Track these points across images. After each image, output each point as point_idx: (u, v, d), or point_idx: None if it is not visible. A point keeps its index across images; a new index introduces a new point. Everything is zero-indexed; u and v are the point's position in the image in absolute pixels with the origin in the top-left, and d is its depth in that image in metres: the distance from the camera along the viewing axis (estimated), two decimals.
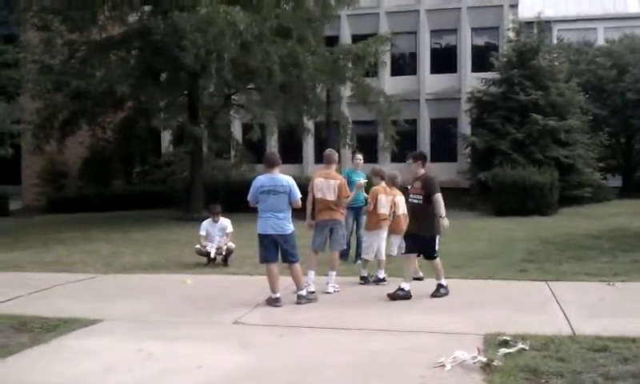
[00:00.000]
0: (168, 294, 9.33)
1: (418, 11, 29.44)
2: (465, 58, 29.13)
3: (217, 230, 12.15)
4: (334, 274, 9.28)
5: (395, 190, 10.24)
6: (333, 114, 23.37)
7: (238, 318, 7.71)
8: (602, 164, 26.17)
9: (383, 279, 9.72)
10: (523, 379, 5.26)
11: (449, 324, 7.18)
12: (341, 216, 9.31)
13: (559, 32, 33.92)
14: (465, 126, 27.85)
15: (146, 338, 6.84)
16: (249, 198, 8.57)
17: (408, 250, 8.66)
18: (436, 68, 29.61)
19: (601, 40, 32.96)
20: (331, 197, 9.12)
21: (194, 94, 21.86)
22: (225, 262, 11.91)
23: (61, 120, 22.38)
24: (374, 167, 11.08)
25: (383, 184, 10.07)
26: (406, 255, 8.72)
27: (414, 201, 8.67)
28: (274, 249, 8.44)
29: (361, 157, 12.18)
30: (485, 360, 5.61)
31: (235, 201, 15.88)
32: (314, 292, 8.70)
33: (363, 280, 9.80)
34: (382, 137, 25.06)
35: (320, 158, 24.62)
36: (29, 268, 12.12)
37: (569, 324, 7.02)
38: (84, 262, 12.65)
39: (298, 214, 8.75)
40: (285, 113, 21.06)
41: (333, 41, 26.16)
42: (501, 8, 28.92)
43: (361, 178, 10.92)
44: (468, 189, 25.59)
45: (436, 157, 28.77)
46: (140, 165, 31.43)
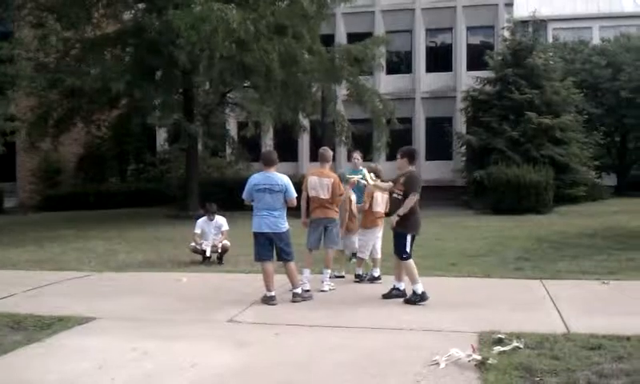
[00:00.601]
0: (163, 292, 9.32)
1: (414, 10, 29.52)
2: (460, 57, 29.20)
3: (212, 228, 12.15)
4: (329, 272, 9.30)
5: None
6: (328, 112, 23.38)
7: (233, 316, 7.70)
8: (596, 162, 26.29)
9: (378, 277, 9.73)
10: (517, 377, 5.26)
11: (444, 322, 7.18)
12: (335, 214, 9.28)
13: (554, 31, 34.04)
14: (460, 125, 27.92)
15: (140, 336, 6.83)
16: (244, 196, 8.56)
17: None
18: (431, 66, 29.69)
19: (596, 39, 33.06)
20: (325, 195, 9.10)
21: (189, 91, 21.85)
22: (220, 260, 11.90)
23: (56, 117, 22.33)
24: (369, 165, 11.04)
25: (379, 182, 10.04)
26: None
27: (396, 197, 8.59)
28: (269, 247, 8.44)
29: (359, 155, 12.14)
30: (479, 358, 5.61)
31: (230, 199, 15.88)
32: (309, 290, 8.69)
33: (358, 278, 9.80)
34: (377, 135, 25.07)
35: (315, 157, 24.67)
36: (23, 266, 12.09)
37: (563, 322, 7.03)
38: (79, 260, 12.63)
39: (294, 212, 8.74)
40: (281, 111, 21.06)
41: (328, 39, 26.16)
42: (496, 7, 29.02)
43: (354, 176, 10.87)
44: (463, 187, 25.65)
45: (431, 155, 28.91)
46: (135, 162, 31.38)
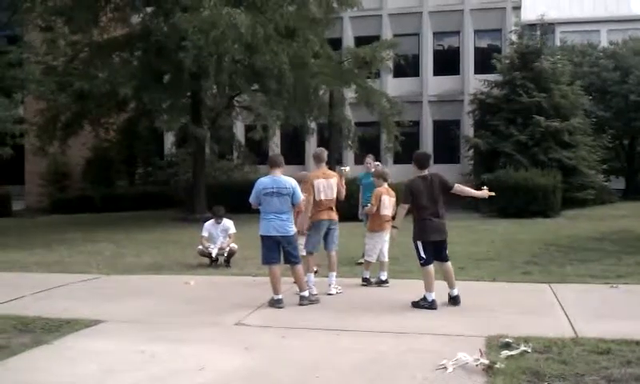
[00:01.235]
0: (170, 295, 9.33)
1: (421, 13, 29.50)
2: (468, 60, 29.16)
3: (219, 231, 12.16)
4: (335, 274, 9.27)
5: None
6: (335, 115, 23.40)
7: (240, 319, 7.70)
8: (605, 166, 26.16)
9: (385, 281, 9.72)
10: (525, 382, 5.24)
11: (451, 326, 7.16)
12: (337, 216, 9.31)
13: (562, 34, 33.95)
14: (468, 128, 27.86)
15: (148, 339, 6.83)
16: (251, 199, 8.55)
17: None
18: (439, 70, 29.65)
19: (604, 42, 32.95)
20: (333, 195, 9.13)
21: (196, 95, 21.89)
22: (227, 263, 11.90)
23: (64, 121, 22.42)
24: (377, 168, 11.07)
25: (386, 185, 10.05)
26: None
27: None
28: (277, 250, 8.44)
29: (370, 159, 12.13)
30: (487, 362, 5.59)
31: (238, 202, 15.88)
32: (316, 294, 8.69)
33: (365, 282, 9.79)
34: (384, 138, 25.07)
35: None
36: (32, 268, 12.14)
37: (572, 326, 7.00)
38: (87, 263, 12.67)
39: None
40: (289, 114, 21.09)
41: (336, 43, 26.20)
42: (504, 10, 28.96)
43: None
44: None
45: (439, 158, 28.75)
46: (143, 166, 31.46)
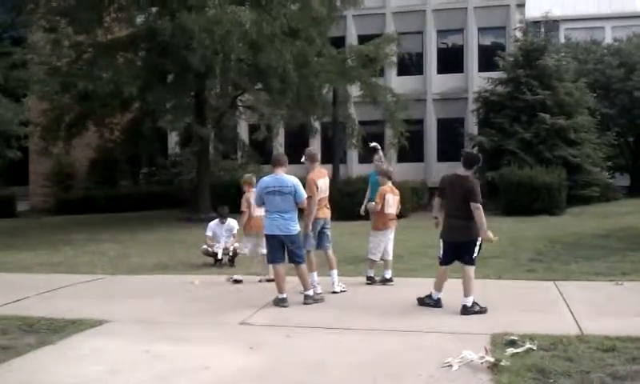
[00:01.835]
0: (175, 295, 9.34)
1: (425, 11, 29.42)
2: (471, 58, 29.09)
3: (223, 231, 12.17)
4: (336, 272, 9.23)
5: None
6: (339, 114, 23.38)
7: (244, 318, 7.70)
8: (609, 163, 26.09)
9: (390, 279, 9.70)
10: (531, 379, 5.23)
11: (456, 324, 7.15)
12: (330, 213, 9.31)
13: (566, 31, 33.86)
14: (472, 126, 27.80)
15: (153, 339, 6.84)
16: (254, 199, 8.54)
17: None
18: (443, 68, 29.58)
19: (608, 39, 32.85)
20: (326, 193, 9.14)
21: (200, 95, 21.90)
22: (231, 262, 11.90)
23: (68, 121, 22.43)
24: (381, 167, 11.00)
25: (390, 184, 10.03)
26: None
27: None
28: (281, 249, 8.43)
29: (378, 156, 12.03)
30: (492, 360, 5.58)
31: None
32: (320, 292, 8.67)
33: (370, 280, 9.77)
34: (389, 136, 25.05)
35: (327, 159, 24.67)
36: (36, 269, 12.16)
37: (577, 324, 6.98)
38: (91, 263, 12.68)
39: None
40: (292, 113, 21.06)
41: (339, 41, 26.17)
42: (507, 7, 28.87)
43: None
44: None
45: (443, 157, 28.81)
46: (147, 166, 31.48)
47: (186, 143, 26.99)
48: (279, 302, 8.30)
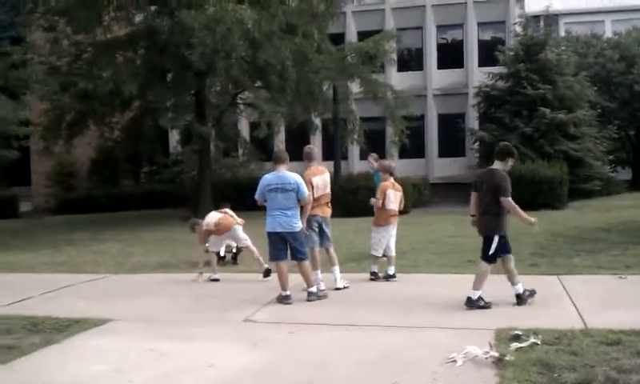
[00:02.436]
0: (178, 293, 9.35)
1: (424, 6, 29.40)
2: (472, 53, 29.06)
3: None
4: (337, 268, 9.23)
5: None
6: (340, 110, 23.37)
7: (248, 315, 7.70)
8: (611, 157, 26.12)
9: (393, 275, 9.70)
10: (536, 373, 5.22)
11: (460, 319, 7.15)
12: (330, 211, 9.30)
13: (567, 25, 33.82)
14: (472, 121, 27.80)
15: (157, 338, 6.84)
16: (256, 196, 8.54)
17: None
18: (443, 63, 29.55)
19: (609, 32, 32.82)
20: (328, 190, 9.13)
21: (201, 93, 21.88)
22: (234, 260, 11.90)
23: (68, 121, 22.42)
24: (383, 163, 11.01)
25: (392, 180, 10.02)
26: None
27: None
28: (284, 246, 8.43)
29: (371, 158, 12.21)
30: (497, 355, 5.58)
31: (243, 199, 15.88)
32: (324, 289, 8.68)
33: (373, 276, 9.77)
34: (390, 133, 25.03)
35: (328, 156, 24.66)
36: (40, 269, 12.19)
37: (581, 318, 6.98)
38: (94, 263, 12.70)
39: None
40: (293, 110, 21.04)
41: (339, 38, 26.14)
42: (507, 2, 28.85)
43: None
44: None
45: (444, 152, 28.85)
46: (148, 164, 31.50)
47: (187, 141, 27.00)
48: (283, 299, 8.31)
